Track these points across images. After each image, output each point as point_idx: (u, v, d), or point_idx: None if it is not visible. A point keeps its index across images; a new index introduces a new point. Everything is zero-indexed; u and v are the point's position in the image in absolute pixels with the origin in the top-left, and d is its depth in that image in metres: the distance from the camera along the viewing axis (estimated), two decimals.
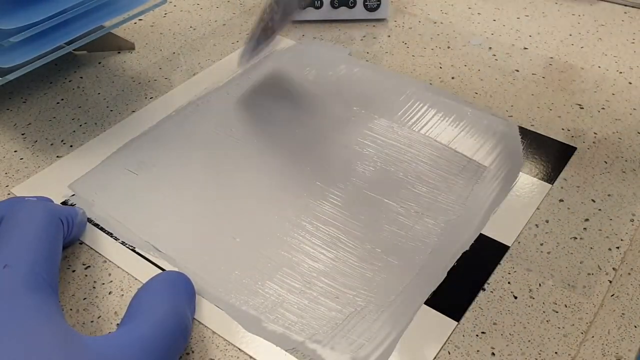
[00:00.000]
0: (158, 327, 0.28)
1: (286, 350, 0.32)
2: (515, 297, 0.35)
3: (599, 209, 0.40)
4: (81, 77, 0.52)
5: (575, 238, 0.38)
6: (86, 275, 0.36)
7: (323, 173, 0.42)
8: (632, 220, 0.39)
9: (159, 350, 0.28)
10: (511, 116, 0.47)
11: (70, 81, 0.52)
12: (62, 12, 0.43)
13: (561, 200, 0.40)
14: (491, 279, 0.36)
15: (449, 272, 0.36)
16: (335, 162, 0.43)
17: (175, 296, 0.32)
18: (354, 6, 0.57)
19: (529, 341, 0.33)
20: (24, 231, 0.31)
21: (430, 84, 0.50)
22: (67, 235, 0.35)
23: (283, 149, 0.44)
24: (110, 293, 0.35)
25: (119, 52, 0.55)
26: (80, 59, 0.54)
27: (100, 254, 0.37)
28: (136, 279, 0.36)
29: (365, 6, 0.57)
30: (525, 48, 0.55)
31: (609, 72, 0.52)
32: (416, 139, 0.45)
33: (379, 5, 0.57)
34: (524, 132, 0.45)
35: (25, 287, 0.27)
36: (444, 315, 0.34)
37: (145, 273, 0.36)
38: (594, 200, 0.40)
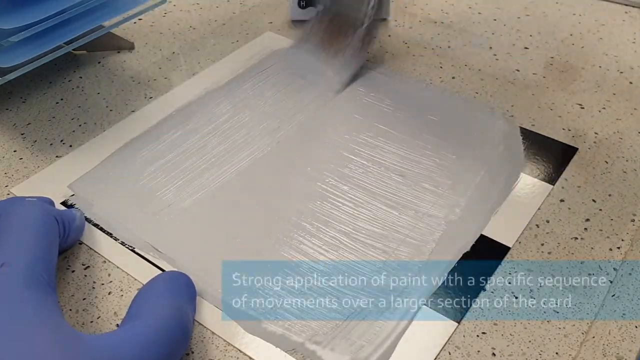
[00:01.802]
0: (158, 326, 0.28)
1: (286, 351, 0.32)
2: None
3: (600, 209, 0.40)
4: (81, 77, 0.52)
5: (576, 238, 0.38)
6: (85, 276, 0.36)
7: (324, 174, 0.42)
8: (632, 221, 0.39)
9: (159, 349, 0.28)
10: (512, 116, 0.47)
11: (69, 81, 0.52)
12: (62, 12, 0.43)
13: (562, 201, 0.40)
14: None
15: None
16: (337, 163, 0.43)
17: (176, 296, 0.32)
18: None
19: (530, 341, 0.32)
20: (21, 230, 0.31)
21: (431, 83, 0.50)
22: (64, 237, 0.34)
23: (284, 150, 0.44)
24: (109, 293, 0.35)
25: (118, 52, 0.55)
26: (79, 58, 0.54)
27: (99, 254, 0.37)
28: (136, 280, 0.36)
29: None
30: (526, 48, 0.55)
31: (610, 72, 0.52)
32: (416, 140, 0.45)
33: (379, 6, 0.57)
34: (525, 133, 0.45)
35: (24, 286, 0.27)
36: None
37: (145, 273, 0.36)
38: (594, 201, 0.40)
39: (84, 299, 0.35)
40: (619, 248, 0.37)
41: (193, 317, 0.33)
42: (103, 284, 0.35)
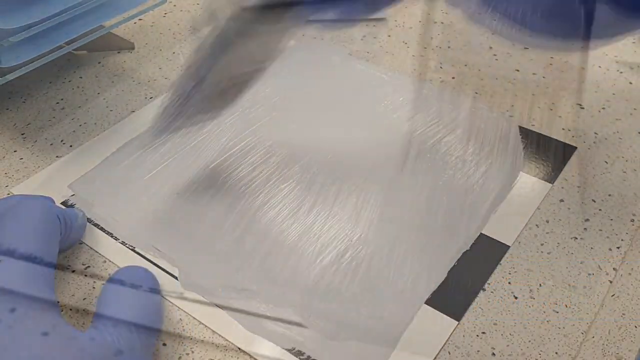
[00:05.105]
0: (134, 314, 0.29)
1: (286, 350, 0.32)
2: (516, 297, 0.35)
3: (600, 209, 0.40)
4: (81, 77, 0.52)
5: (576, 238, 0.38)
6: (86, 276, 0.36)
7: (326, 173, 0.42)
8: (632, 221, 0.39)
9: (137, 334, 0.28)
10: (511, 116, 0.47)
11: (69, 81, 0.52)
12: (62, 12, 0.43)
13: (561, 200, 0.40)
14: (491, 279, 0.35)
15: (449, 272, 0.36)
16: (338, 164, 0.43)
17: (139, 284, 0.32)
18: None
19: (530, 341, 0.32)
20: (21, 227, 0.31)
21: (431, 83, 0.50)
22: (65, 236, 0.34)
23: (284, 149, 0.44)
24: None
25: (118, 52, 0.55)
26: (80, 59, 0.54)
27: (100, 254, 0.37)
28: None
29: None
30: (526, 48, 0.55)
31: (610, 72, 0.52)
32: (416, 140, 0.45)
33: None
34: (525, 132, 0.45)
35: (21, 282, 0.28)
36: (444, 315, 0.33)
37: None
38: (594, 200, 0.40)
39: (84, 299, 0.35)
40: (618, 248, 0.37)
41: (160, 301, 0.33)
42: (103, 284, 0.35)
